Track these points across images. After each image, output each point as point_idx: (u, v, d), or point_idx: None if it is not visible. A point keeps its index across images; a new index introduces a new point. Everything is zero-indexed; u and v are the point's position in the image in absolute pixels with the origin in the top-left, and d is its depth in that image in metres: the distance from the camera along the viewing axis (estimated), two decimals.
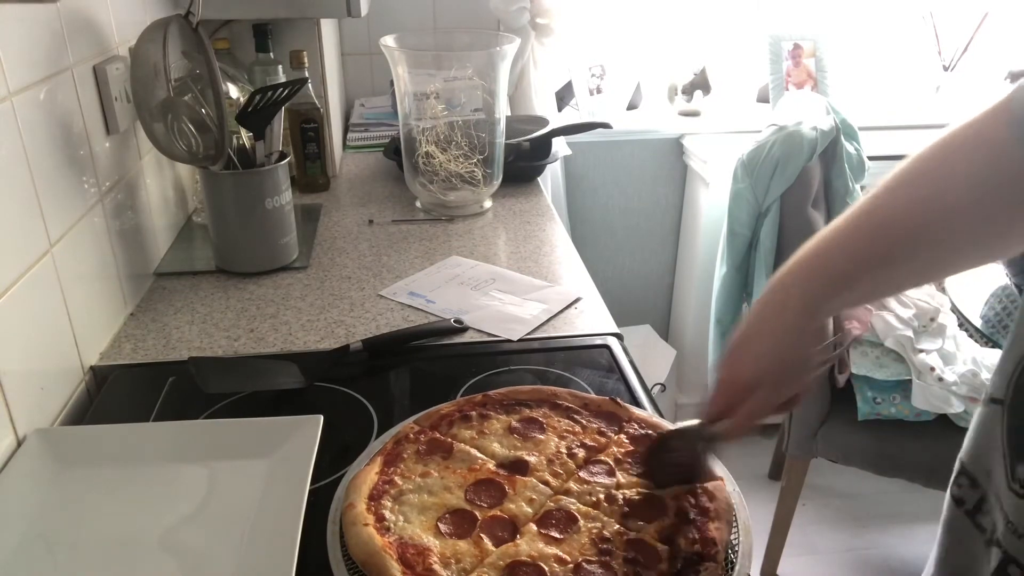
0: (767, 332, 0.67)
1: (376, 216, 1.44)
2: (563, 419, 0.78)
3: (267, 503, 0.71)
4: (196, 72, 1.08)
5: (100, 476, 0.75)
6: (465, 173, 1.41)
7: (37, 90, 0.85)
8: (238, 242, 1.19)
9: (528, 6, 2.00)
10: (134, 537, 0.68)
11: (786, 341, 0.66)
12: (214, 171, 1.11)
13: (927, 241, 0.65)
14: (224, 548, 0.66)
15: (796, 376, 0.67)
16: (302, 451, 0.74)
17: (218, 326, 1.05)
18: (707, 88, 2.33)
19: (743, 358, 0.67)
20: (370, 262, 1.25)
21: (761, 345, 0.67)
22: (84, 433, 0.81)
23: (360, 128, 1.89)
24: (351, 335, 1.03)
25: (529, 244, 1.33)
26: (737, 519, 0.67)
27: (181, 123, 1.06)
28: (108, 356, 0.98)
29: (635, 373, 0.94)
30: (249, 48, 1.48)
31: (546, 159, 1.64)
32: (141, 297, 1.13)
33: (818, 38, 2.24)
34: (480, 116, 1.40)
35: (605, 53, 2.24)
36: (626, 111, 2.33)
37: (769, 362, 0.66)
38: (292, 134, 1.47)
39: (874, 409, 1.66)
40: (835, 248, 0.67)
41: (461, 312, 1.08)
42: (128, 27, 1.14)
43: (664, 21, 2.31)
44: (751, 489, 1.01)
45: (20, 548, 0.66)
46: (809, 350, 0.67)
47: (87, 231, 0.96)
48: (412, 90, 1.38)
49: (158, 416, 0.87)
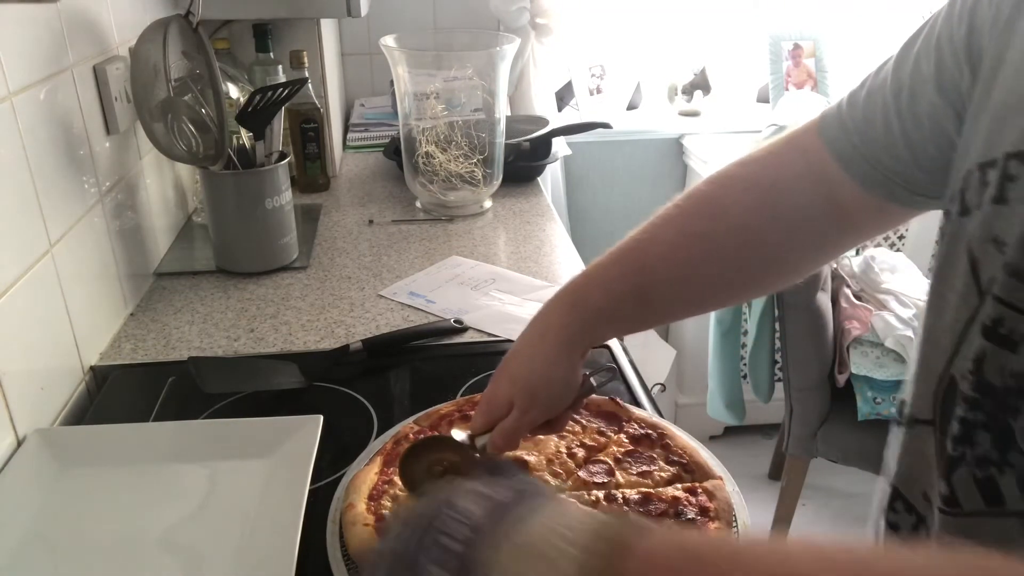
0: (525, 356, 0.69)
1: (376, 216, 1.44)
2: None
3: (267, 503, 0.71)
4: (196, 72, 1.08)
5: (100, 476, 0.75)
6: (465, 173, 1.41)
7: (37, 90, 0.85)
8: (238, 242, 1.19)
9: (528, 6, 2.00)
10: (134, 537, 0.68)
11: (540, 368, 0.68)
12: (214, 171, 1.11)
13: (684, 277, 0.69)
14: (224, 548, 0.66)
15: (549, 401, 0.68)
16: (302, 451, 0.74)
17: (218, 326, 1.05)
18: (707, 88, 2.33)
19: (500, 378, 0.69)
20: (370, 262, 1.25)
21: (518, 367, 0.68)
22: (84, 433, 0.81)
23: (360, 128, 1.89)
24: (351, 335, 1.03)
25: (529, 244, 1.33)
26: (737, 519, 0.67)
27: (181, 123, 1.06)
28: (108, 356, 0.98)
29: (635, 373, 0.94)
30: (249, 48, 1.48)
31: (546, 159, 1.64)
32: (141, 297, 1.13)
33: (818, 38, 2.24)
34: (480, 116, 1.40)
35: (605, 53, 2.24)
36: (626, 111, 2.33)
37: (522, 385, 0.67)
38: (292, 134, 1.47)
39: (874, 409, 1.66)
40: (594, 282, 0.70)
41: (461, 312, 1.08)
42: (128, 27, 1.14)
43: (664, 21, 2.31)
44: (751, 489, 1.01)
45: (20, 548, 0.66)
46: (563, 378, 0.69)
47: (87, 231, 0.96)
48: (412, 90, 1.38)
49: (158, 416, 0.87)
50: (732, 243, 0.68)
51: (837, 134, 0.65)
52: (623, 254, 0.70)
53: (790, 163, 0.68)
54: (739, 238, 0.68)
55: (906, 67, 0.60)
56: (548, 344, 0.68)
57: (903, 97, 0.60)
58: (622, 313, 0.70)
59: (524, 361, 0.69)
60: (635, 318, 0.72)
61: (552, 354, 0.68)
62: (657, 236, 0.70)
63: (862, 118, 0.63)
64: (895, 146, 0.61)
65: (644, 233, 0.71)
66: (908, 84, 0.60)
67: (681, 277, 0.69)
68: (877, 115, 0.62)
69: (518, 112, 2.06)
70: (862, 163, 0.63)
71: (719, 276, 0.70)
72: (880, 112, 0.61)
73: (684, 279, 0.69)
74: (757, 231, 0.68)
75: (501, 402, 0.67)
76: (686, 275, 0.69)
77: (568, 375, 0.69)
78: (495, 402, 0.68)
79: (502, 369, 0.69)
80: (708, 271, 0.69)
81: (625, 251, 0.70)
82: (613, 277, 0.70)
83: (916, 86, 0.59)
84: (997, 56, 0.53)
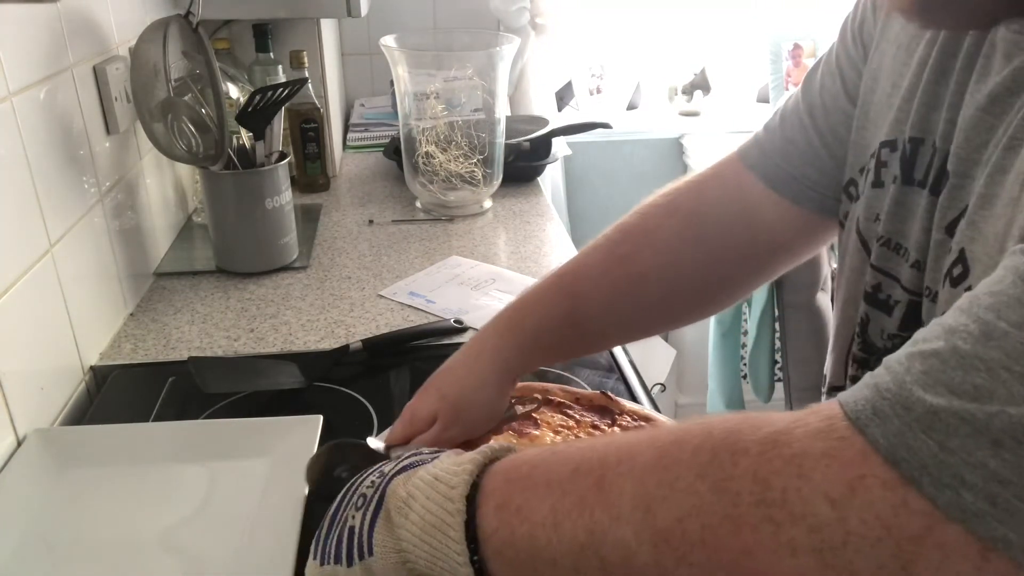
0: (458, 374, 0.70)
1: (376, 216, 1.44)
2: (556, 414, 0.79)
3: (267, 503, 0.70)
4: (196, 72, 1.08)
5: (100, 476, 0.74)
6: (465, 173, 1.40)
7: (37, 90, 0.85)
8: (238, 242, 1.19)
9: (528, 6, 2.00)
10: (134, 537, 0.68)
11: (470, 387, 0.69)
12: (214, 171, 1.11)
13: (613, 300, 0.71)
14: (224, 548, 0.66)
15: (472, 422, 0.70)
16: (302, 451, 0.74)
17: (218, 326, 1.05)
18: (707, 88, 2.33)
19: (429, 391, 0.70)
20: (370, 262, 1.25)
21: (447, 384, 0.70)
22: (84, 433, 0.81)
23: (360, 128, 1.89)
24: (351, 335, 1.03)
25: (529, 244, 1.33)
26: None
27: (181, 123, 1.06)
28: (108, 356, 0.98)
29: (635, 373, 0.94)
30: (249, 48, 1.48)
31: (546, 159, 1.64)
32: (141, 297, 1.13)
33: (818, 38, 2.24)
34: (480, 116, 1.40)
35: (605, 53, 2.24)
36: (626, 111, 2.33)
37: (450, 402, 0.68)
38: (292, 134, 1.47)
39: None
40: (529, 307, 0.72)
41: (461, 312, 1.08)
42: (128, 27, 1.14)
43: (664, 21, 2.31)
44: None
45: (20, 548, 0.66)
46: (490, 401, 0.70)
47: (87, 231, 0.96)
48: (412, 90, 1.38)
49: (158, 416, 0.87)
50: (657, 265, 0.71)
51: (760, 160, 0.69)
52: (557, 280, 0.73)
53: (712, 189, 0.72)
54: (664, 259, 0.71)
55: (814, 89, 0.67)
56: (482, 365, 0.70)
57: (817, 114, 0.66)
58: (556, 337, 0.72)
59: (456, 379, 0.70)
60: (569, 343, 0.74)
61: (484, 376, 0.70)
62: (587, 261, 0.73)
63: (782, 140, 0.68)
64: (819, 159, 0.66)
65: (576, 260, 0.74)
66: (819, 102, 0.66)
67: (610, 300, 0.71)
68: (797, 135, 0.67)
69: (518, 112, 2.06)
70: (790, 181, 0.68)
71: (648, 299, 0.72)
72: (799, 132, 0.67)
73: (613, 302, 0.72)
74: (681, 253, 0.71)
75: (424, 415, 0.68)
76: (614, 298, 0.71)
77: (496, 399, 0.71)
78: (418, 414, 0.69)
79: (432, 383, 0.71)
80: (635, 292, 0.72)
81: (558, 277, 0.73)
82: (547, 302, 0.72)
83: (827, 102, 0.66)
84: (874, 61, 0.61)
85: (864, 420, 0.34)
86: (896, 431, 0.32)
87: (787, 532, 0.33)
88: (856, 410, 0.34)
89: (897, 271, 0.56)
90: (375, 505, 0.49)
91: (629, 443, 0.42)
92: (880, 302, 0.57)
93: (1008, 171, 0.43)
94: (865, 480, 0.32)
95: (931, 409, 0.32)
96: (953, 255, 0.47)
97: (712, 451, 0.37)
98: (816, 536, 0.33)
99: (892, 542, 0.32)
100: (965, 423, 0.31)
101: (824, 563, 0.33)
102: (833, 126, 0.65)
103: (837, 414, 0.35)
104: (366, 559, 0.47)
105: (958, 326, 0.33)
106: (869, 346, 0.59)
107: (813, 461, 0.34)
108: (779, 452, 0.35)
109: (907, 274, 0.55)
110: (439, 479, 0.46)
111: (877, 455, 0.33)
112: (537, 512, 0.42)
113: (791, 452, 0.35)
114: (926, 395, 0.32)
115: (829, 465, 0.33)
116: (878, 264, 0.57)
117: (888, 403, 0.33)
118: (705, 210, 0.71)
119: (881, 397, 0.34)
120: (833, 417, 0.35)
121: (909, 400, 0.33)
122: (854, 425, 0.34)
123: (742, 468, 0.35)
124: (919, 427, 0.32)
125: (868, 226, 0.58)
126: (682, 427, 0.40)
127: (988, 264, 0.43)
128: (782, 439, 0.35)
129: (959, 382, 0.32)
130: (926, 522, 0.31)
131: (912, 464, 0.32)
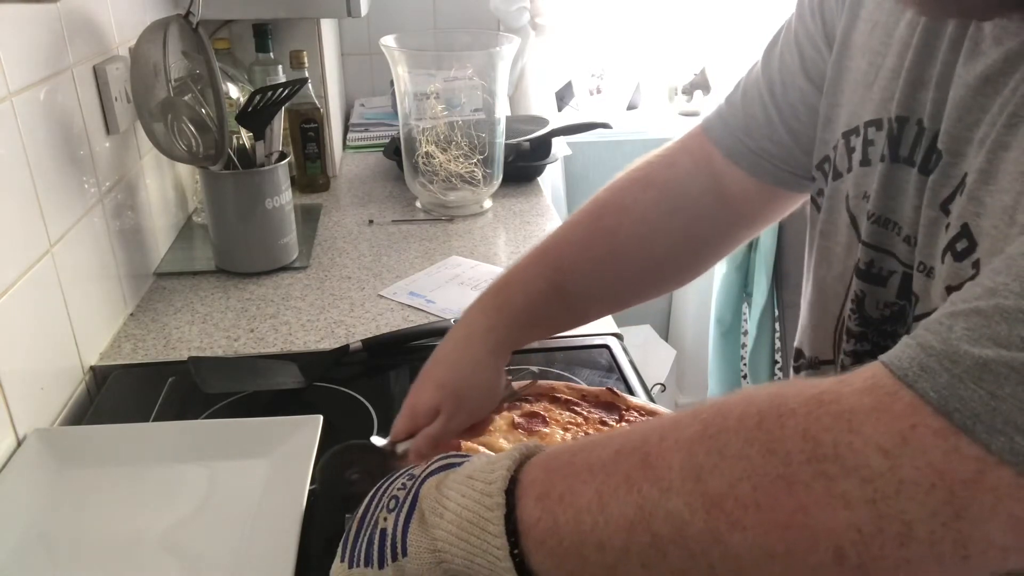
0: (451, 361, 0.70)
1: (376, 216, 1.44)
2: (564, 411, 0.79)
3: (267, 503, 0.71)
4: (196, 72, 1.08)
5: (100, 476, 0.75)
6: (465, 173, 1.41)
7: (37, 90, 0.85)
8: (238, 242, 1.19)
9: (528, 6, 2.00)
10: (134, 537, 0.68)
11: (465, 371, 0.69)
12: (214, 171, 1.11)
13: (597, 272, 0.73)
14: (224, 548, 0.66)
15: (476, 406, 0.70)
16: (302, 451, 0.74)
17: (218, 326, 1.05)
18: (707, 88, 2.33)
19: (426, 384, 0.70)
20: (370, 262, 1.25)
21: (444, 373, 0.70)
22: (84, 433, 0.81)
23: (360, 128, 1.89)
24: (351, 335, 1.03)
25: (529, 244, 1.32)
26: None
27: (181, 123, 1.06)
28: (108, 356, 0.98)
29: (635, 373, 0.94)
30: (249, 48, 1.48)
31: (546, 159, 1.64)
32: (141, 297, 1.13)
33: None
34: (480, 116, 1.40)
35: (605, 53, 2.24)
36: (626, 111, 2.33)
37: (449, 391, 0.68)
38: (292, 134, 1.47)
39: None
40: (515, 284, 0.73)
41: (461, 312, 1.07)
42: (128, 27, 1.14)
43: (664, 21, 2.31)
44: None
45: (20, 548, 0.66)
46: (489, 382, 0.70)
47: (87, 231, 0.96)
48: (412, 90, 1.38)
49: (158, 416, 0.87)
50: (636, 236, 0.72)
51: (723, 133, 0.71)
52: (540, 255, 0.74)
53: (680, 163, 0.74)
54: (642, 230, 0.72)
55: (773, 64, 0.69)
56: (475, 347, 0.70)
57: (776, 90, 0.68)
58: (544, 313, 0.72)
59: (451, 366, 0.70)
60: (556, 318, 0.75)
61: (479, 358, 0.70)
62: (568, 237, 0.74)
63: (743, 115, 0.70)
64: (777, 134, 0.68)
65: (556, 235, 0.75)
66: (778, 78, 0.68)
67: (593, 273, 0.73)
68: (757, 110, 0.69)
69: (518, 112, 2.06)
70: (749, 155, 0.70)
71: (628, 270, 0.74)
72: (759, 107, 0.69)
73: (597, 274, 0.73)
74: (657, 224, 0.73)
75: (426, 408, 0.68)
76: (598, 270, 0.73)
77: (493, 379, 0.71)
78: (420, 408, 0.68)
79: (426, 374, 0.70)
80: (617, 264, 0.73)
81: (541, 252, 0.74)
82: (532, 277, 0.72)
83: (786, 78, 0.67)
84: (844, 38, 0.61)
85: (912, 376, 0.35)
86: (946, 384, 0.33)
87: (840, 485, 0.34)
88: (903, 367, 0.35)
89: (891, 246, 0.57)
90: (408, 507, 0.49)
91: (670, 420, 0.42)
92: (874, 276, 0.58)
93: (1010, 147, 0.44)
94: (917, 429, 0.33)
95: (979, 361, 0.33)
96: (954, 230, 0.48)
97: (758, 415, 0.38)
98: (869, 487, 0.34)
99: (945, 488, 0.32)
100: (1015, 372, 0.32)
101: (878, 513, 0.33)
102: (792, 103, 0.67)
103: (882, 372, 0.36)
104: (399, 560, 0.47)
105: (998, 286, 0.34)
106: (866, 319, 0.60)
107: (863, 415, 0.35)
108: (827, 410, 0.36)
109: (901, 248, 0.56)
110: (474, 477, 0.46)
111: (927, 407, 0.34)
112: (582, 497, 0.42)
113: (839, 408, 0.35)
114: (973, 348, 0.33)
115: (879, 419, 0.34)
116: (870, 240, 0.58)
117: (935, 359, 0.34)
118: (676, 183, 0.73)
119: (927, 354, 0.35)
120: (878, 375, 0.36)
121: (956, 354, 0.34)
122: (901, 381, 0.35)
123: (790, 428, 0.36)
124: (968, 378, 0.33)
125: (857, 203, 0.59)
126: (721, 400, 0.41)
127: (996, 237, 0.44)
128: (827, 398, 0.36)
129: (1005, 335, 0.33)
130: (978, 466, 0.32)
131: (964, 413, 0.33)
